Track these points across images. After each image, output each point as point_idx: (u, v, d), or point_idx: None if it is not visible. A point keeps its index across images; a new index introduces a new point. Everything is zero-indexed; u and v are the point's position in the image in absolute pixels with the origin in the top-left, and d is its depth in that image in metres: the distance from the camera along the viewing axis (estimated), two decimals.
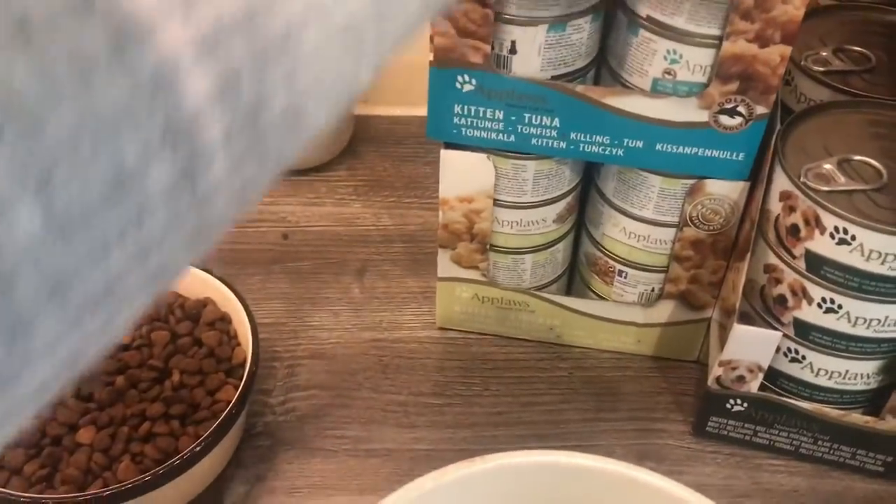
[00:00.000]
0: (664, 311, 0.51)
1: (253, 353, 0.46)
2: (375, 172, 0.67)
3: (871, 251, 0.38)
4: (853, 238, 0.39)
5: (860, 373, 0.44)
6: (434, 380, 0.53)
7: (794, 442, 0.48)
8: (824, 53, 0.49)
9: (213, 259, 0.55)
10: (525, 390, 0.52)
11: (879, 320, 0.41)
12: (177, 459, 0.42)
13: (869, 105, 0.45)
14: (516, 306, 0.53)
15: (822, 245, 0.40)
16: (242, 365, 0.47)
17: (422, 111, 0.48)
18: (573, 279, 0.54)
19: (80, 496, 0.40)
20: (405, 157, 0.68)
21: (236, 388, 0.45)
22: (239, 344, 0.48)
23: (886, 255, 0.38)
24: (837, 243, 0.39)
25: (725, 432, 0.49)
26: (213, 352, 0.48)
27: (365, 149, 0.69)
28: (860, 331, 0.42)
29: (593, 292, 0.53)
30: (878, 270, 0.39)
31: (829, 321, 0.42)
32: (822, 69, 0.48)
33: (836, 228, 0.39)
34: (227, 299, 0.50)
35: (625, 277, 0.50)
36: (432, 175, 0.64)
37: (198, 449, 0.42)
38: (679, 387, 0.52)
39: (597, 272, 0.52)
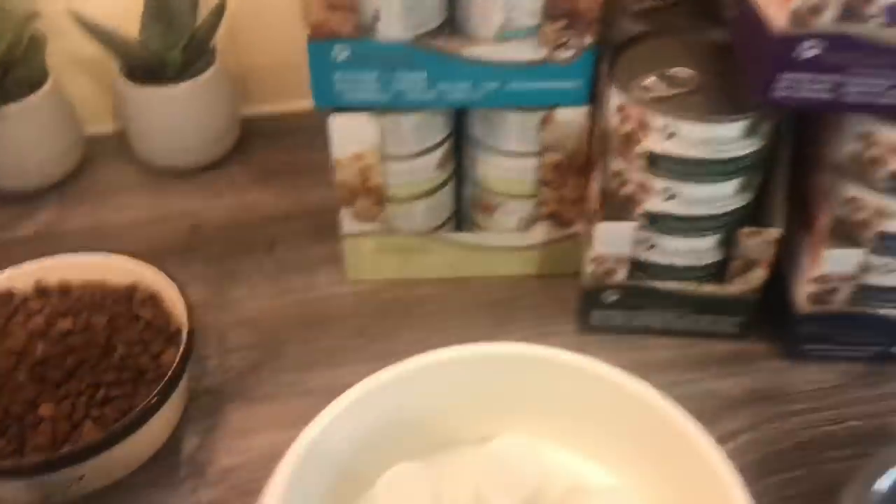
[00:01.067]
0: (541, 232, 0.59)
1: (188, 315, 0.51)
2: (268, 164, 0.73)
3: (692, 140, 0.47)
4: (677, 132, 0.47)
5: (705, 248, 0.53)
6: (353, 326, 0.59)
7: (663, 319, 0.56)
8: None
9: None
10: (435, 322, 0.59)
11: (709, 198, 0.50)
12: (135, 413, 0.47)
13: (677, 31, 0.54)
14: (416, 249, 0.60)
15: (654, 143, 0.48)
16: (179, 332, 0.52)
17: (304, 105, 0.55)
18: (462, 218, 0.62)
19: (53, 456, 0.45)
20: (295, 147, 0.74)
21: (177, 350, 0.50)
22: (172, 314, 0.54)
23: (705, 140, 0.47)
24: (666, 138, 0.48)
25: (606, 322, 0.57)
26: (149, 324, 0.53)
27: (254, 145, 0.75)
28: (698, 211, 0.51)
29: (479, 227, 0.60)
30: (702, 155, 0.48)
31: (671, 207, 0.51)
32: (637, 8, 0.57)
33: (663, 126, 0.48)
34: (153, 279, 0.55)
35: (503, 208, 0.58)
36: (323, 161, 0.71)
37: (154, 401, 0.47)
38: (564, 295, 0.60)
39: (479, 208, 0.59)
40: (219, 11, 0.68)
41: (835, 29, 0.42)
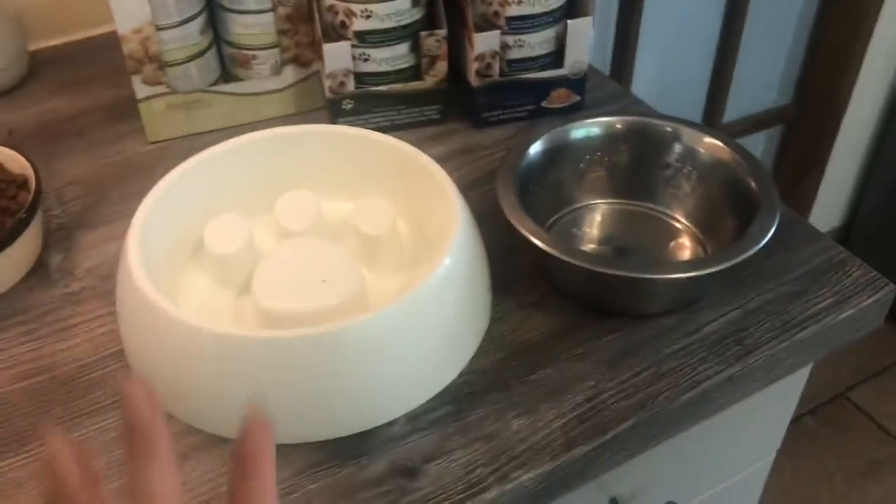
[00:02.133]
0: (290, 75, 0.80)
1: (33, 166, 0.67)
2: (61, 82, 0.88)
3: None
4: None
5: (401, 54, 0.76)
6: (158, 172, 0.75)
7: (388, 118, 0.79)
8: None
9: None
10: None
11: (394, 13, 0.73)
12: (12, 226, 0.63)
13: None
14: (197, 104, 0.78)
15: None
16: (26, 181, 0.68)
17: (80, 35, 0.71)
18: (228, 76, 0.81)
19: None
20: (80, 66, 0.90)
21: (29, 192, 0.66)
22: (15, 173, 0.69)
23: None
24: None
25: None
26: (2, 179, 0.68)
27: (46, 71, 0.90)
28: (389, 24, 0.73)
29: (241, 79, 0.80)
30: None
31: (370, 24, 0.73)
32: None
33: None
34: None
35: (256, 59, 0.78)
36: (105, 74, 0.87)
37: (23, 216, 0.64)
38: (318, 120, 0.81)
39: (238, 64, 0.79)
40: None
41: None
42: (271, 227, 0.66)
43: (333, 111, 0.78)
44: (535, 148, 0.66)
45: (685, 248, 0.68)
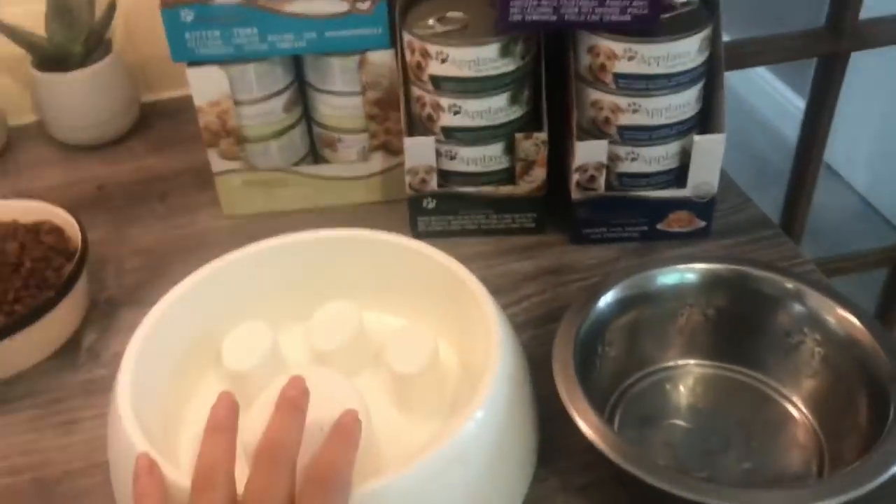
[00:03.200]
0: (377, 162, 0.73)
1: (82, 235, 0.64)
2: (163, 138, 0.86)
3: (461, 62, 0.61)
4: (448, 56, 0.61)
5: (493, 155, 0.67)
6: (226, 248, 0.70)
7: (475, 221, 0.70)
8: None
9: None
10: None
11: (486, 111, 0.64)
12: (40, 304, 0.59)
13: None
14: (276, 183, 0.73)
15: (435, 68, 0.62)
16: (76, 252, 0.65)
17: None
18: (316, 158, 0.75)
19: None
20: (185, 123, 0.87)
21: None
22: (71, 241, 0.66)
23: (469, 62, 0.61)
24: (441, 62, 0.61)
25: (431, 228, 0.70)
26: (52, 247, 0.65)
27: (152, 124, 0.88)
28: (480, 122, 0.64)
29: (327, 161, 0.73)
30: (471, 74, 0.62)
31: (459, 121, 0.64)
32: None
33: (438, 52, 0.61)
34: (57, 216, 0.67)
35: (342, 143, 0.72)
36: None
37: (52, 295, 0.60)
38: (401, 214, 0.73)
39: (325, 145, 0.73)
40: (111, 7, 0.82)
41: None
42: (304, 339, 0.58)
43: (414, 209, 0.69)
44: (610, 297, 0.54)
45: (796, 444, 0.53)
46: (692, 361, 0.58)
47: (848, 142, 1.72)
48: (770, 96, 2.05)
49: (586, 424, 0.47)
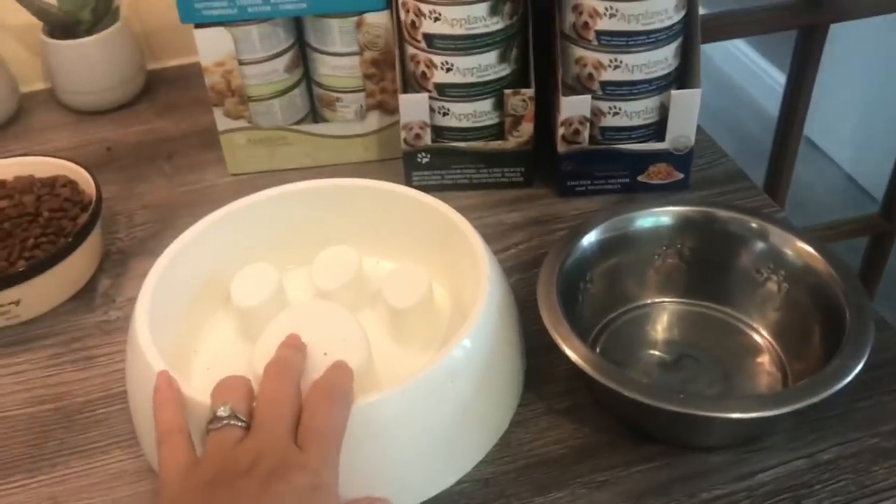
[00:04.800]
0: (374, 120, 0.76)
1: (96, 187, 0.68)
2: (169, 102, 0.90)
3: (452, 20, 0.65)
4: (441, 15, 0.65)
5: (483, 111, 0.70)
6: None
7: (466, 175, 0.74)
8: None
9: None
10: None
11: (476, 67, 0.67)
12: (55, 249, 0.63)
13: None
14: (278, 141, 0.77)
15: (428, 26, 0.66)
16: (91, 202, 0.68)
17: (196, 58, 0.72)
18: (316, 117, 0.79)
19: None
20: (189, 89, 0.91)
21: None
22: (85, 192, 0.70)
23: (461, 20, 0.65)
24: (434, 21, 0.65)
25: (425, 182, 0.74)
26: (68, 199, 0.69)
27: (158, 90, 0.92)
28: (471, 79, 0.68)
29: (326, 120, 0.77)
30: (461, 32, 0.65)
31: (451, 77, 0.68)
32: None
33: (431, 11, 0.65)
34: (71, 171, 0.71)
35: (341, 102, 0.75)
36: None
37: (70, 240, 0.64)
38: (397, 171, 0.77)
39: (324, 105, 0.77)
40: None
41: None
42: (307, 281, 0.62)
43: (408, 164, 0.73)
44: (592, 237, 0.58)
45: (763, 370, 0.58)
46: (667, 299, 0.62)
47: (829, 117, 1.76)
48: (757, 76, 2.09)
49: (568, 347, 0.51)
